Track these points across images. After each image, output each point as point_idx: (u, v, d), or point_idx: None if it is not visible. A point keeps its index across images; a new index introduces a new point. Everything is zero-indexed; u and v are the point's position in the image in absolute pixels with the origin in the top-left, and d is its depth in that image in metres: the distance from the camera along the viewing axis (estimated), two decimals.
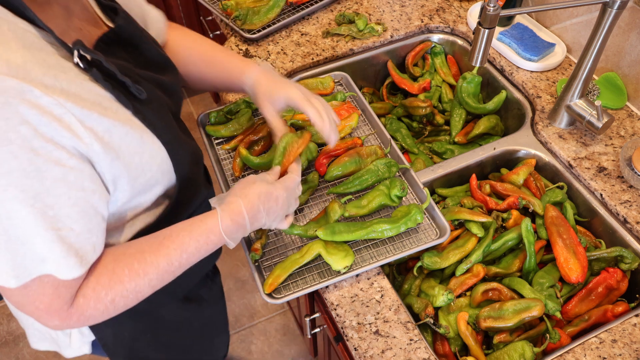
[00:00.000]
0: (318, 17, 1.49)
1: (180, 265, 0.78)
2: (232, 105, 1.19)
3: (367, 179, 1.06)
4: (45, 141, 0.61)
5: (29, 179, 0.60)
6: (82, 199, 0.66)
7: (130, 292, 0.74)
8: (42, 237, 0.63)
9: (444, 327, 0.97)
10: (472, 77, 1.32)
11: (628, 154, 1.11)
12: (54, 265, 0.65)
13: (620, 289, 1.02)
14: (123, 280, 0.73)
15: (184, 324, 1.05)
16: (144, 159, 0.74)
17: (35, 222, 0.62)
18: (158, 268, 0.76)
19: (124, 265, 0.74)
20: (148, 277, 0.75)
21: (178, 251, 0.77)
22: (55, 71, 0.64)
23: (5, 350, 1.95)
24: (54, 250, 0.64)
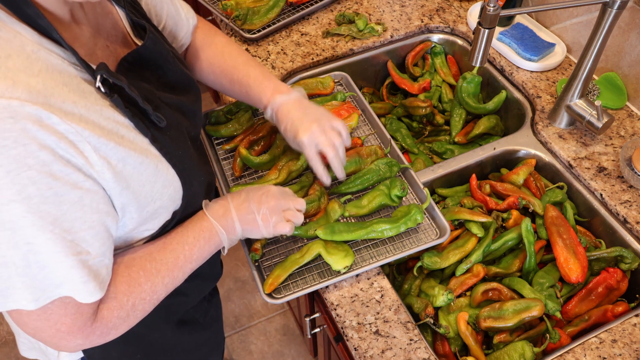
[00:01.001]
0: (318, 17, 1.49)
1: (185, 260, 0.80)
2: (232, 105, 1.19)
3: (369, 178, 1.06)
4: (63, 165, 0.61)
5: (47, 204, 0.60)
6: (98, 221, 0.66)
7: (148, 293, 0.76)
8: (62, 263, 0.63)
9: (444, 327, 0.97)
10: (472, 77, 1.33)
11: (628, 154, 1.11)
12: (73, 290, 0.65)
13: (620, 289, 1.02)
14: (140, 282, 0.75)
15: (176, 348, 1.03)
16: (156, 188, 0.74)
17: (55, 248, 0.62)
18: (167, 264, 0.78)
19: (137, 268, 0.75)
20: (161, 275, 0.77)
21: (180, 244, 0.80)
22: (75, 97, 0.63)
23: (5, 350, 1.95)
24: (74, 275, 0.64)
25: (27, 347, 0.99)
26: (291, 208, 0.89)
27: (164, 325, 0.96)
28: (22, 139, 0.57)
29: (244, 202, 0.86)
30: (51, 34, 0.63)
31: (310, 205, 1.03)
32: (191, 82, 0.88)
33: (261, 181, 1.06)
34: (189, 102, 0.86)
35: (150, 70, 0.79)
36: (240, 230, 0.86)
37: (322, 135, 0.95)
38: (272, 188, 0.89)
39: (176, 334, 1.00)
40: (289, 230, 0.88)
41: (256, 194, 0.87)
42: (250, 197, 0.87)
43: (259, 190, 0.88)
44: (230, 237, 0.85)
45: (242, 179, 1.11)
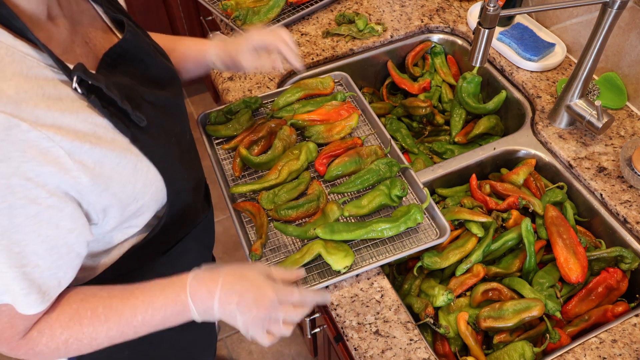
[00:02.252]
0: (318, 17, 1.49)
1: (143, 322, 0.73)
2: (232, 105, 1.19)
3: (369, 178, 1.07)
4: (24, 179, 0.60)
5: (1, 214, 0.60)
6: (54, 236, 0.65)
7: (86, 337, 0.72)
8: (3, 273, 0.63)
9: (444, 327, 0.97)
10: (472, 77, 1.32)
11: (628, 154, 1.11)
12: (14, 300, 0.65)
13: (620, 289, 1.02)
14: (82, 322, 0.71)
15: (167, 345, 1.02)
16: (137, 188, 0.73)
17: (1, 257, 0.62)
18: (121, 317, 0.73)
19: (88, 307, 0.72)
20: (108, 325, 0.72)
21: (145, 304, 0.73)
22: (49, 101, 0.62)
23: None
24: (14, 286, 0.64)
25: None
26: (279, 320, 0.76)
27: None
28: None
29: (232, 296, 0.74)
30: (26, 35, 0.62)
31: (309, 204, 1.03)
32: (173, 74, 0.87)
33: (261, 181, 1.06)
34: (172, 97, 0.85)
35: (134, 65, 0.78)
36: (217, 318, 0.76)
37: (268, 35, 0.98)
38: (269, 292, 0.74)
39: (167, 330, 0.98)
40: (268, 344, 0.77)
41: (250, 295, 0.74)
42: (242, 294, 0.74)
43: (254, 289, 0.74)
44: (204, 319, 0.76)
45: (242, 179, 1.11)
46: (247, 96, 1.22)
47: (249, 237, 1.03)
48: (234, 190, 1.05)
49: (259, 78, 1.32)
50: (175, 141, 0.82)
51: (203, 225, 0.98)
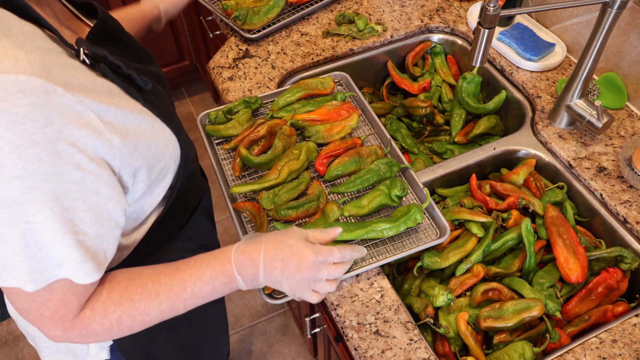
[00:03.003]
0: (318, 17, 1.49)
1: (193, 294, 0.76)
2: (232, 105, 1.19)
3: (369, 178, 1.06)
4: (68, 144, 0.61)
5: (50, 182, 0.60)
6: (97, 204, 0.66)
7: (139, 313, 0.73)
8: (60, 241, 0.63)
9: (444, 327, 0.97)
10: (472, 77, 1.33)
11: (628, 154, 1.11)
12: (71, 270, 0.65)
13: (620, 289, 1.02)
14: (134, 299, 0.73)
15: (194, 321, 1.05)
16: (159, 147, 0.75)
17: (54, 225, 0.62)
18: (170, 292, 0.74)
19: (138, 284, 0.73)
20: (159, 300, 0.74)
21: (193, 277, 0.76)
22: (69, 69, 0.64)
23: (5, 350, 1.95)
24: (71, 254, 0.64)
25: (52, 352, 0.97)
26: (323, 279, 0.81)
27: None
28: (31, 113, 0.57)
29: (276, 261, 0.77)
30: (29, 14, 0.64)
31: (309, 204, 1.03)
32: (150, 54, 0.90)
33: (261, 181, 1.06)
34: (156, 72, 0.87)
35: (115, 45, 0.80)
36: (263, 285, 0.81)
37: None
38: (309, 254, 0.78)
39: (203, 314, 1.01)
40: (316, 301, 0.83)
41: (293, 259, 0.77)
42: (285, 260, 0.77)
43: (295, 255, 0.78)
44: (251, 287, 0.80)
45: (242, 179, 1.11)
46: (247, 96, 1.22)
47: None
48: (234, 190, 1.05)
49: (259, 78, 1.32)
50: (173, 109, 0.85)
51: (206, 198, 1.01)
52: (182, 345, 1.05)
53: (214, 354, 1.21)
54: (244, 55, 1.38)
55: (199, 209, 0.98)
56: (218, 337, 1.19)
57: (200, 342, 1.11)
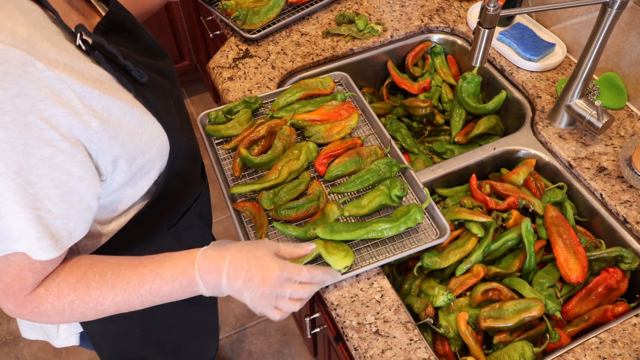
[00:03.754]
0: (318, 17, 1.49)
1: (150, 291, 0.74)
2: (232, 105, 1.19)
3: (369, 178, 1.06)
4: (39, 118, 0.60)
5: (15, 152, 0.59)
6: (66, 183, 0.65)
7: (92, 300, 0.72)
8: (19, 214, 0.62)
9: (444, 327, 0.97)
10: (472, 77, 1.32)
11: (628, 154, 1.11)
12: (28, 244, 0.64)
13: (620, 289, 1.02)
14: (90, 285, 0.71)
15: (175, 324, 1.04)
16: (144, 140, 0.74)
17: (14, 197, 0.61)
18: (128, 285, 0.73)
19: (97, 271, 0.72)
20: (115, 291, 0.72)
21: (154, 274, 0.74)
22: (58, 49, 0.64)
23: (5, 350, 1.95)
24: (29, 228, 0.64)
25: (28, 328, 0.98)
26: (286, 297, 0.78)
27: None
28: (2, 82, 0.57)
29: (240, 271, 0.75)
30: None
31: (309, 204, 1.03)
32: (163, 49, 0.90)
33: (261, 181, 1.06)
34: (165, 67, 0.86)
35: (124, 36, 0.80)
36: (225, 294, 0.78)
37: None
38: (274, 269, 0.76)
39: (175, 310, 0.99)
40: (278, 319, 0.80)
41: (257, 272, 0.75)
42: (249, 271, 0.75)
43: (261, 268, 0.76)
44: (212, 294, 0.78)
45: (242, 179, 1.11)
46: (247, 96, 1.22)
47: (249, 237, 1.03)
48: (234, 190, 1.05)
49: (259, 78, 1.32)
50: (174, 104, 0.84)
51: (202, 200, 1.00)
52: (157, 345, 1.04)
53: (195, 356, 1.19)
54: (244, 55, 1.38)
55: (191, 211, 0.97)
56: (202, 342, 1.16)
57: (180, 346, 1.09)
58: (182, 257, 0.76)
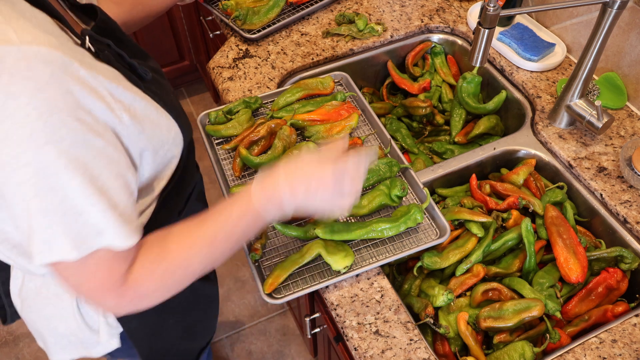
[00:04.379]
0: (318, 17, 1.49)
1: (226, 238, 0.75)
2: (232, 105, 1.19)
3: (369, 178, 1.06)
4: (87, 113, 0.62)
5: (78, 147, 0.61)
6: (119, 173, 0.67)
7: (180, 266, 0.73)
8: (96, 207, 0.63)
9: (444, 327, 0.97)
10: (472, 77, 1.32)
11: (628, 154, 1.11)
12: (111, 235, 0.65)
13: (620, 289, 1.02)
14: (171, 253, 0.73)
15: (196, 301, 1.07)
16: (163, 131, 0.77)
17: (88, 191, 0.62)
18: (204, 239, 0.74)
19: (171, 239, 0.74)
20: (197, 248, 0.74)
21: (222, 222, 0.75)
22: (78, 53, 0.66)
23: (5, 350, 1.95)
24: (109, 218, 0.64)
25: (61, 348, 0.95)
26: (345, 192, 0.78)
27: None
28: (52, 82, 0.59)
29: (297, 188, 0.75)
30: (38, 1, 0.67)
31: None
32: (146, 52, 0.92)
33: None
34: (156, 67, 0.89)
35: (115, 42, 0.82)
36: (290, 213, 0.78)
37: None
38: (327, 171, 0.75)
39: (197, 289, 1.01)
40: (347, 211, 0.81)
41: (311, 181, 0.75)
42: (305, 182, 0.76)
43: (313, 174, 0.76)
44: (280, 217, 0.79)
45: (242, 179, 1.11)
46: (247, 96, 1.22)
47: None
48: (234, 190, 1.05)
49: (259, 78, 1.32)
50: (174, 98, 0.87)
51: (199, 186, 1.04)
52: (183, 329, 1.07)
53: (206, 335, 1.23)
54: (244, 55, 1.38)
55: (193, 196, 1.00)
56: (210, 320, 1.20)
57: (201, 322, 1.13)
58: (239, 196, 0.76)
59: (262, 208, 0.75)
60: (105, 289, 0.69)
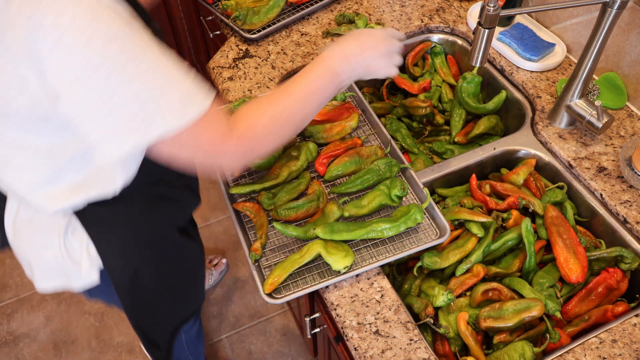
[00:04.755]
0: (318, 17, 1.49)
1: (313, 91, 0.85)
2: (232, 105, 1.19)
3: (369, 178, 1.07)
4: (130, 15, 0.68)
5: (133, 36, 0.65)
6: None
7: (283, 111, 0.81)
8: (179, 72, 0.69)
9: (444, 327, 0.97)
10: (472, 77, 1.32)
11: (628, 154, 1.11)
12: (202, 94, 0.71)
13: (620, 289, 1.02)
14: (275, 102, 0.82)
15: (180, 257, 1.09)
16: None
17: (172, 64, 0.69)
18: (291, 95, 0.83)
19: (263, 101, 0.82)
20: (291, 100, 0.83)
21: (303, 81, 0.85)
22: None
23: (5, 350, 1.95)
24: (192, 80, 0.70)
25: (45, 276, 0.98)
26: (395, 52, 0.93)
27: (172, 231, 1.02)
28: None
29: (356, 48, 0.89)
30: None
31: (309, 205, 1.03)
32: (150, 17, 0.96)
33: (261, 181, 1.06)
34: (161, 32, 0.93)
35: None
36: (358, 70, 0.90)
37: None
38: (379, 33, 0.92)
39: (179, 240, 1.04)
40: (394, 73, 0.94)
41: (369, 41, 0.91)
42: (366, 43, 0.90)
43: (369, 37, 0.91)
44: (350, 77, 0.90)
45: (242, 179, 1.11)
46: (247, 96, 1.22)
47: (249, 237, 1.03)
48: (234, 190, 1.05)
49: (259, 78, 1.32)
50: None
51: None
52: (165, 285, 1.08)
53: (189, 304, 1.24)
54: (244, 55, 1.38)
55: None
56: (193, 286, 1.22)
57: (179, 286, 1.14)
58: (314, 62, 0.87)
59: (336, 66, 0.86)
60: (222, 137, 0.75)
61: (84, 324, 2.01)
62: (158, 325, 1.13)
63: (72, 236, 0.91)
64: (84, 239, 0.91)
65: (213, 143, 0.74)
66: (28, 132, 0.74)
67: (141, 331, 1.09)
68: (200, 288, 1.24)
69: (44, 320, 2.02)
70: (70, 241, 0.92)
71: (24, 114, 0.70)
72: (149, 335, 1.12)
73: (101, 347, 1.95)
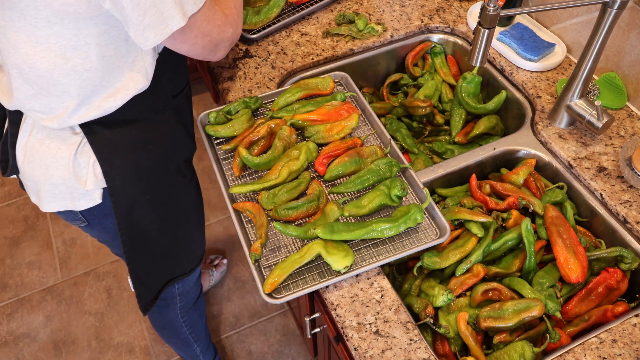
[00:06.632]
0: (318, 17, 1.49)
1: None
2: (232, 105, 1.19)
3: (369, 178, 1.06)
4: None
5: None
6: None
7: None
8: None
9: (444, 327, 0.97)
10: (472, 77, 1.32)
11: (628, 154, 1.11)
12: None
13: (620, 289, 1.02)
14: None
15: (175, 193, 1.12)
16: None
17: None
18: None
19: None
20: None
21: None
22: None
23: (5, 350, 1.96)
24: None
25: (51, 197, 1.03)
26: None
27: (167, 167, 1.08)
28: None
29: None
30: None
31: (309, 204, 1.03)
32: None
33: (261, 181, 1.06)
34: None
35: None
36: None
37: None
38: None
39: (175, 177, 1.11)
40: None
41: None
42: None
43: None
44: None
45: (242, 179, 1.11)
46: (247, 96, 1.22)
47: (249, 237, 1.03)
48: (234, 190, 1.05)
49: (259, 78, 1.32)
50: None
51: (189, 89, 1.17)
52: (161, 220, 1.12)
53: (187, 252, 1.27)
54: (244, 55, 1.38)
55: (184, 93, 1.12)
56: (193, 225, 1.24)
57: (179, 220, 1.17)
58: None
59: None
60: (225, 22, 0.93)
61: (84, 324, 2.01)
62: (153, 265, 1.17)
63: (80, 157, 0.98)
64: (91, 159, 0.97)
65: (220, 27, 0.91)
66: (82, 30, 0.83)
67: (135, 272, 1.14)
68: (198, 239, 1.28)
69: (44, 320, 2.02)
70: (79, 161, 0.98)
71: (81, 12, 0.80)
72: (142, 278, 1.16)
73: (101, 347, 1.95)
